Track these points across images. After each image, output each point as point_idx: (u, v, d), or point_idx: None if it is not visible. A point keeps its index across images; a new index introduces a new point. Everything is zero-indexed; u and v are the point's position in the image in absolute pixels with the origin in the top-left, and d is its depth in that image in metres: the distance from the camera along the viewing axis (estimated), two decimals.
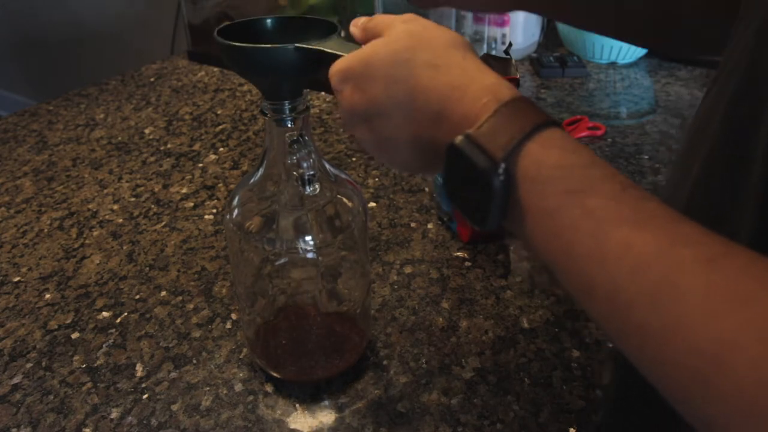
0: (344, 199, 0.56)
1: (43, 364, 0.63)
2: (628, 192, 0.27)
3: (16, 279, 0.75)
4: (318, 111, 1.12)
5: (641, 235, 0.25)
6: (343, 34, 0.48)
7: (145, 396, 0.59)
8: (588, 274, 0.26)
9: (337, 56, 0.44)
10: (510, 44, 0.79)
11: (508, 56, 0.76)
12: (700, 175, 0.36)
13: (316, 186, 0.51)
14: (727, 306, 0.23)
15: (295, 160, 0.50)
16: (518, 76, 0.74)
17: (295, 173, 0.50)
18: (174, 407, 0.58)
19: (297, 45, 0.46)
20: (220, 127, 1.08)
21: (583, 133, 1.01)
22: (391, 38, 0.37)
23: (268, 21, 0.52)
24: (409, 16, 0.39)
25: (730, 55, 0.36)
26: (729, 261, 0.24)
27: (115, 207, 0.87)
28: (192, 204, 0.87)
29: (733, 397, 0.22)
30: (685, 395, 0.25)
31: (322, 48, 0.45)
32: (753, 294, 0.23)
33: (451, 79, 0.33)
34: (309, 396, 0.59)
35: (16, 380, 0.62)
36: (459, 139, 0.30)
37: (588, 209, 0.27)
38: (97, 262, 0.77)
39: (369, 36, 0.41)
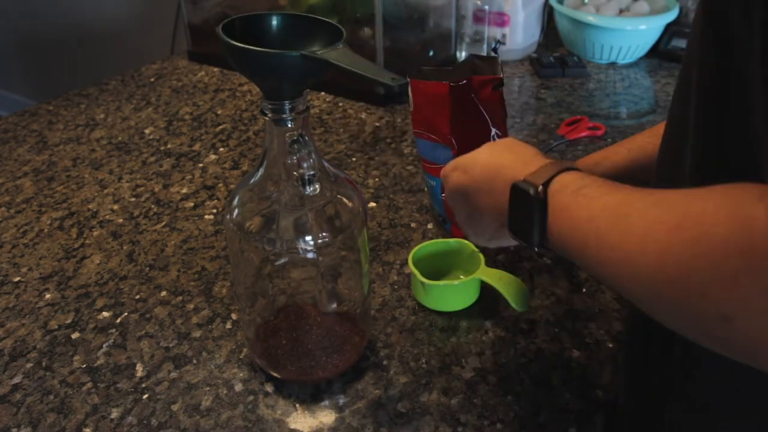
0: (344, 199, 0.56)
1: (44, 364, 0.63)
2: (608, 183, 0.41)
3: (16, 279, 0.75)
4: (318, 111, 1.12)
5: (612, 197, 0.39)
6: (344, 35, 0.48)
7: (145, 396, 0.59)
8: (585, 234, 0.40)
9: (342, 67, 0.45)
10: (498, 42, 0.79)
11: (495, 56, 0.75)
12: (691, 164, 0.47)
13: (316, 186, 0.51)
14: (659, 212, 0.35)
15: (295, 160, 0.50)
16: (500, 75, 0.73)
17: (295, 173, 0.50)
18: (174, 407, 0.58)
19: (303, 53, 0.46)
20: (220, 127, 1.08)
21: (583, 133, 1.01)
22: (486, 145, 0.54)
23: (273, 18, 0.52)
24: (504, 141, 0.55)
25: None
26: (660, 192, 0.36)
27: (115, 207, 0.87)
28: (192, 204, 0.87)
29: (648, 275, 0.34)
30: (621, 277, 0.37)
31: (328, 59, 0.46)
32: (666, 199, 0.35)
33: (525, 159, 0.48)
34: (309, 396, 0.59)
35: (16, 380, 0.62)
36: (518, 180, 0.45)
37: (583, 194, 0.41)
38: (97, 262, 0.77)
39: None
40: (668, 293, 0.33)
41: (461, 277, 0.71)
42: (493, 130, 0.73)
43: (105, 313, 0.69)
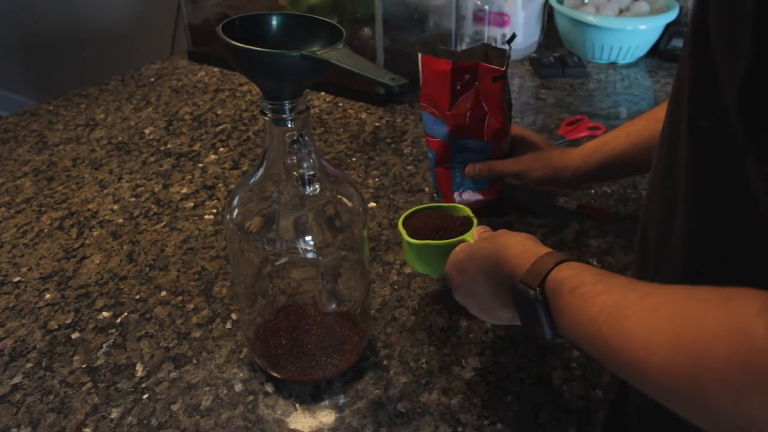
0: (344, 199, 0.56)
1: (43, 364, 0.63)
2: (602, 278, 0.42)
3: (16, 279, 0.75)
4: (318, 111, 1.12)
5: (609, 297, 0.40)
6: (345, 35, 0.48)
7: (145, 396, 0.59)
8: (590, 334, 0.41)
9: (342, 67, 0.45)
10: (514, 35, 0.80)
11: (505, 48, 0.77)
12: (653, 170, 0.52)
13: (316, 186, 0.51)
14: (653, 316, 0.36)
15: (295, 160, 0.50)
16: (503, 69, 0.75)
17: (295, 173, 0.50)
18: (174, 407, 0.58)
19: (303, 53, 0.46)
20: (220, 127, 1.08)
21: (583, 133, 1.01)
22: (478, 242, 0.57)
23: (273, 18, 0.52)
24: (498, 235, 0.57)
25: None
26: (656, 293, 0.38)
27: (115, 207, 0.87)
28: (192, 204, 0.87)
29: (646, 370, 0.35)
30: (638, 381, 0.37)
31: (328, 59, 0.46)
32: (668, 310, 0.36)
33: (517, 253, 0.50)
34: (309, 396, 0.59)
35: (16, 380, 0.62)
36: (515, 284, 0.47)
37: (578, 294, 0.42)
38: (97, 262, 0.77)
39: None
40: (677, 400, 0.35)
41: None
42: (488, 119, 0.77)
43: (105, 313, 0.69)
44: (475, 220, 0.65)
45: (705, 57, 0.38)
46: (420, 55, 0.78)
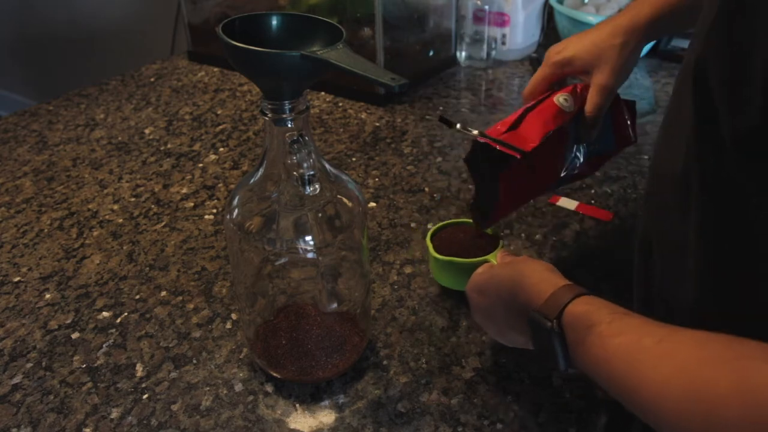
0: (344, 199, 0.56)
1: (43, 364, 0.63)
2: (618, 316, 0.42)
3: (16, 279, 0.75)
4: (318, 111, 1.12)
5: (625, 338, 0.40)
6: (345, 35, 0.48)
7: (145, 396, 0.59)
8: (605, 372, 0.41)
9: (342, 67, 0.45)
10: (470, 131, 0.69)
11: (470, 131, 0.64)
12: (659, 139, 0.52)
13: (316, 186, 0.51)
14: (666, 364, 0.37)
15: (295, 160, 0.50)
16: (518, 156, 0.60)
17: (295, 173, 0.50)
18: (174, 407, 0.58)
19: (303, 53, 0.46)
20: (220, 127, 1.08)
21: None
22: (498, 266, 0.57)
23: (273, 18, 0.52)
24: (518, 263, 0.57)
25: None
26: (670, 339, 0.38)
27: (115, 207, 0.87)
28: (192, 204, 0.87)
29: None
30: (651, 422, 0.38)
31: (328, 59, 0.46)
32: (677, 355, 0.37)
33: (535, 282, 0.50)
34: (309, 396, 0.59)
35: (16, 380, 0.62)
36: (532, 313, 0.47)
37: (596, 333, 0.42)
38: (97, 262, 0.77)
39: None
40: None
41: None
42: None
43: (105, 313, 0.69)
44: (501, 242, 0.67)
45: (706, 101, 0.39)
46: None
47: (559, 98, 0.64)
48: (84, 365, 0.63)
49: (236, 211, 0.55)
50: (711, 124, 0.39)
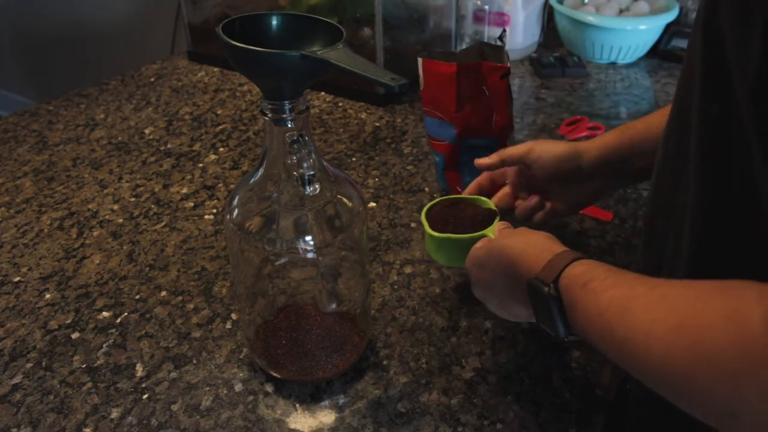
0: (344, 199, 0.56)
1: (43, 364, 0.63)
2: (613, 274, 0.42)
3: (16, 279, 0.75)
4: (318, 111, 1.12)
5: (618, 291, 0.40)
6: (345, 35, 0.48)
7: (145, 396, 0.59)
8: (598, 328, 0.41)
9: (342, 67, 0.45)
10: (504, 31, 0.80)
11: (502, 44, 0.77)
12: (661, 156, 0.51)
13: (316, 186, 0.51)
14: (658, 307, 0.37)
15: (295, 160, 0.50)
16: (508, 65, 0.75)
17: (295, 173, 0.50)
18: (174, 407, 0.58)
19: (303, 53, 0.46)
20: (220, 127, 1.08)
21: (583, 133, 1.01)
22: (498, 239, 0.57)
23: (273, 18, 0.52)
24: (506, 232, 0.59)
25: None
26: (663, 286, 0.38)
27: (115, 207, 0.87)
28: (192, 204, 0.87)
29: (648, 361, 0.36)
30: (641, 373, 0.38)
31: (328, 59, 0.46)
32: (669, 297, 0.37)
33: (536, 252, 0.50)
34: (309, 396, 0.59)
35: (16, 380, 0.62)
36: (530, 279, 0.48)
37: (590, 289, 0.42)
38: (97, 262, 0.77)
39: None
40: (675, 388, 0.35)
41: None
42: (495, 116, 0.77)
43: (105, 313, 0.69)
44: (498, 215, 0.64)
45: (716, 44, 0.38)
46: (420, 59, 0.78)
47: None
48: (84, 365, 0.63)
49: (236, 211, 0.55)
50: (721, 81, 0.38)
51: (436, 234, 0.63)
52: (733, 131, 0.39)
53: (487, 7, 1.23)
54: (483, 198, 0.68)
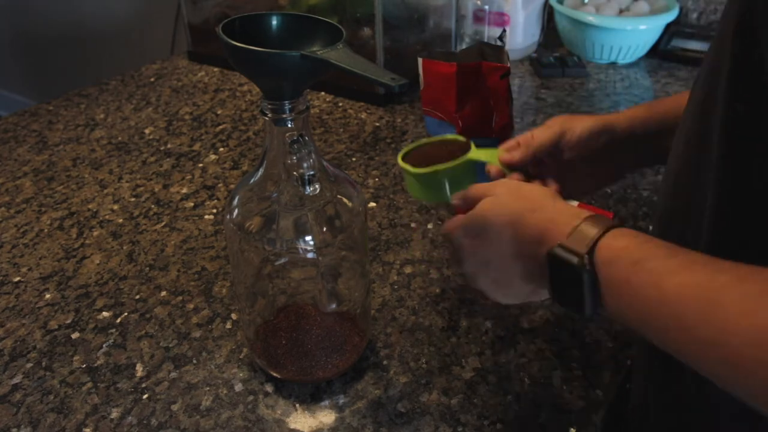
0: (344, 199, 0.56)
1: (43, 364, 0.63)
2: (674, 251, 0.37)
3: (16, 279, 0.75)
4: (318, 111, 1.12)
5: (690, 276, 0.34)
6: (345, 35, 0.48)
7: (145, 396, 0.59)
8: (658, 317, 0.36)
9: (342, 67, 0.45)
10: (504, 31, 0.80)
11: (502, 44, 0.77)
12: (678, 154, 0.47)
13: (316, 186, 0.51)
14: (760, 304, 0.31)
15: (295, 160, 0.50)
16: (508, 65, 0.76)
17: (295, 173, 0.50)
18: (174, 407, 0.58)
19: (303, 53, 0.46)
20: (220, 127, 1.08)
21: None
22: (496, 197, 0.48)
23: (273, 18, 0.52)
24: (502, 181, 0.50)
25: (709, 53, 0.44)
26: (753, 278, 0.32)
27: (115, 207, 0.87)
28: (192, 204, 0.87)
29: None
30: (733, 379, 0.33)
31: (328, 59, 0.46)
32: None
33: (548, 216, 0.44)
34: (309, 396, 0.59)
35: (16, 380, 0.62)
36: (555, 247, 0.41)
37: (646, 270, 0.36)
38: (97, 262, 0.77)
39: (472, 203, 0.50)
40: None
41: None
42: (495, 116, 0.77)
43: (105, 313, 0.69)
44: (473, 143, 0.61)
45: (749, 44, 0.36)
46: (420, 59, 0.78)
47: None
48: (84, 365, 0.63)
49: (236, 211, 0.55)
50: (749, 79, 0.37)
51: (419, 170, 0.60)
52: (759, 130, 0.37)
53: (487, 7, 1.23)
54: (456, 136, 0.65)
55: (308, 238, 0.55)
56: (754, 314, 0.31)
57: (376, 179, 0.91)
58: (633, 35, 1.21)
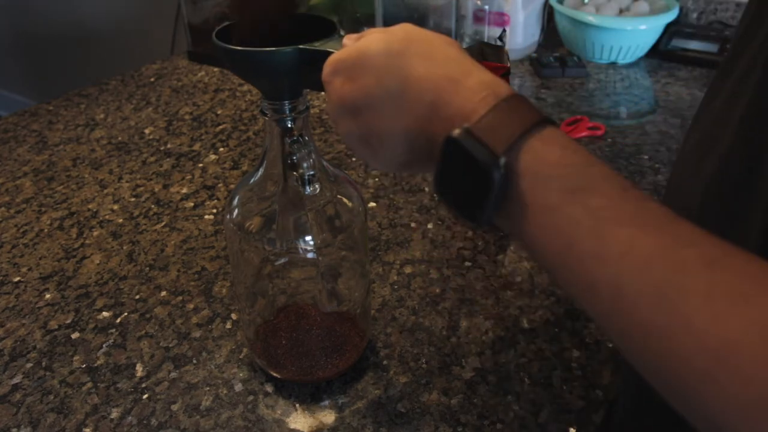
0: (344, 199, 0.56)
1: (43, 364, 0.63)
2: (629, 192, 0.28)
3: (16, 279, 0.75)
4: (318, 111, 1.12)
5: (644, 235, 0.26)
6: (342, 32, 0.48)
7: (145, 396, 0.59)
8: (589, 272, 0.27)
9: None
10: (504, 31, 0.80)
11: (502, 44, 0.77)
12: (715, 173, 0.36)
13: (316, 186, 0.51)
14: (730, 306, 0.24)
15: (295, 160, 0.50)
16: (508, 65, 0.76)
17: (295, 173, 0.50)
18: (174, 407, 0.58)
19: (297, 47, 0.46)
20: (220, 127, 1.08)
21: (583, 133, 1.01)
22: (386, 33, 0.37)
23: None
24: (404, 24, 0.38)
25: (749, 52, 0.37)
26: (729, 262, 0.25)
27: (115, 207, 0.87)
28: (192, 204, 0.87)
29: (739, 396, 0.23)
30: (689, 394, 0.25)
31: (323, 49, 0.45)
32: (753, 294, 0.24)
33: (447, 71, 0.32)
34: (309, 396, 0.59)
35: (16, 380, 0.62)
36: (457, 132, 0.30)
37: (590, 208, 0.27)
38: (97, 262, 0.77)
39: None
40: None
41: None
42: None
43: (105, 313, 0.69)
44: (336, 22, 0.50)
45: None
46: None
47: None
48: (84, 365, 0.63)
49: (236, 211, 0.55)
50: None
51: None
52: None
53: (487, 7, 1.23)
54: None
55: (308, 238, 0.55)
56: (722, 317, 0.24)
57: (376, 179, 0.91)
58: (633, 35, 1.21)
